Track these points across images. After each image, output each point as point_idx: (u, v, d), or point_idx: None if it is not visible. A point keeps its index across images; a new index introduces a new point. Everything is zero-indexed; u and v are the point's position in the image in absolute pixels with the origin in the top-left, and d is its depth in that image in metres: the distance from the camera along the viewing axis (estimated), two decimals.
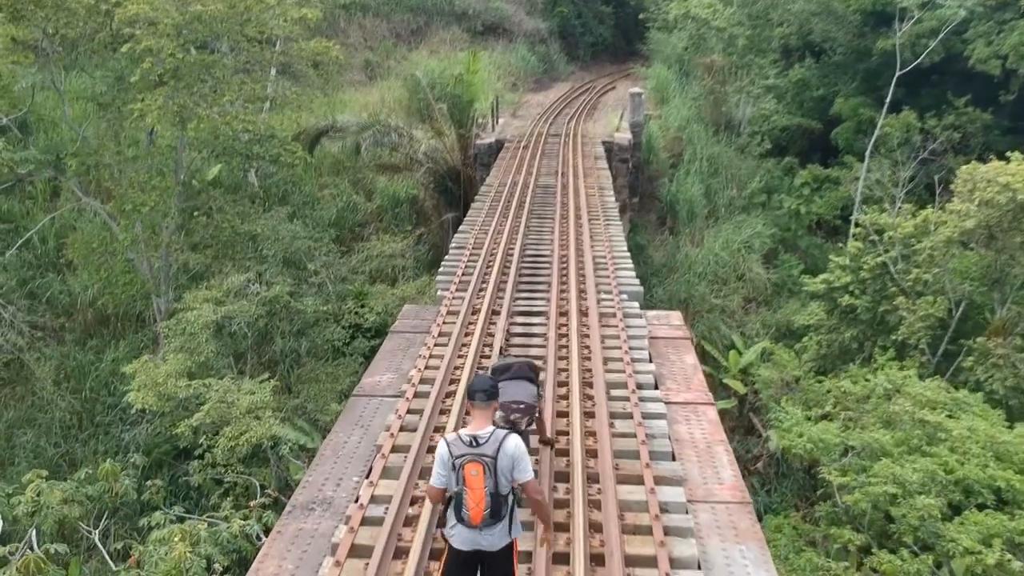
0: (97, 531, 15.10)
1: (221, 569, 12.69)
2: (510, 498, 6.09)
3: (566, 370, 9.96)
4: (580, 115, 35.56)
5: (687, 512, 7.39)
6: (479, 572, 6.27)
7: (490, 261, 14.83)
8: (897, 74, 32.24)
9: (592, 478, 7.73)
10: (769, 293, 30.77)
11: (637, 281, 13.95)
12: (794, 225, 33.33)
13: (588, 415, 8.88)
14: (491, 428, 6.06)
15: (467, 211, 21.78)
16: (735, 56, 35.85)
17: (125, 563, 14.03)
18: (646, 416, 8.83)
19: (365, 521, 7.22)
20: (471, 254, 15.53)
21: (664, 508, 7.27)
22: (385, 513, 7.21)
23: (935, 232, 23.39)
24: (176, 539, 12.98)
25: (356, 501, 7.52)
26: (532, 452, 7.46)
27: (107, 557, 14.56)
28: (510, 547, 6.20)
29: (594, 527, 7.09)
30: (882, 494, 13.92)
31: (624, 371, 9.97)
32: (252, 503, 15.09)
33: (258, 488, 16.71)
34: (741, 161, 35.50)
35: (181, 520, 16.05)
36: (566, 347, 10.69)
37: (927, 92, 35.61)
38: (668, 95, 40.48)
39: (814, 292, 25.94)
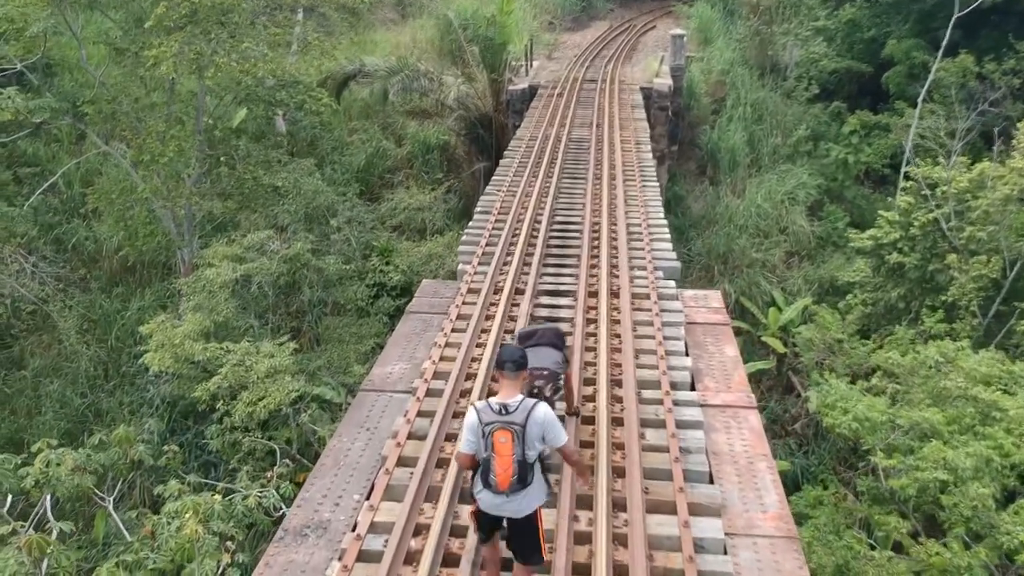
0: (111, 499, 14.73)
1: (233, 547, 12.25)
2: (536, 465, 6.20)
3: (593, 364, 9.14)
4: (618, 58, 34.08)
5: (725, 552, 6.60)
6: (508, 538, 6.43)
7: (516, 229, 13.91)
8: (956, 15, 30.32)
9: (618, 504, 6.95)
10: (813, 247, 29.56)
11: (674, 255, 12.96)
12: (841, 175, 31.88)
13: (616, 422, 8.08)
14: (520, 396, 6.16)
15: (499, 160, 20.90)
16: None
17: (139, 533, 13.70)
18: (681, 425, 8.00)
19: (362, 556, 6.50)
20: (496, 220, 14.60)
21: (699, 546, 6.47)
22: (384, 547, 6.49)
23: (992, 188, 22.09)
24: (188, 514, 12.56)
25: (354, 529, 6.82)
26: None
27: (121, 526, 14.16)
28: (534, 515, 6.28)
29: (619, 571, 6.32)
30: (932, 480, 13.04)
31: (657, 366, 9.12)
32: (269, 473, 14.64)
33: (278, 453, 16.29)
34: (787, 107, 33.93)
35: (198, 490, 15.74)
36: (594, 335, 9.85)
37: (986, 34, 33.56)
38: (712, 36, 38.80)
39: (860, 248, 24.76)
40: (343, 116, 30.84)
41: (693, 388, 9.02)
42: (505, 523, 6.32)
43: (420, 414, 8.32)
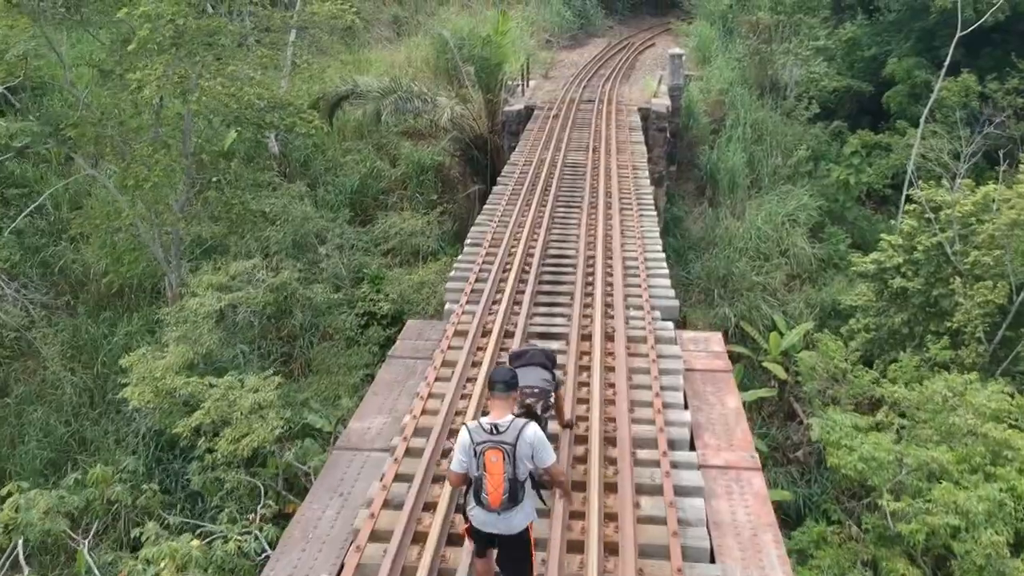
0: (87, 542, 14.16)
1: None
2: (527, 483, 6.30)
3: (586, 419, 8.56)
4: (616, 77, 33.59)
5: None
6: (496, 553, 6.57)
7: (507, 264, 13.34)
8: (959, 34, 29.87)
9: None
10: (814, 269, 29.00)
11: (672, 293, 12.36)
12: (842, 196, 31.36)
13: (609, 488, 7.50)
14: (510, 417, 6.29)
15: (494, 182, 20.38)
16: (783, 15, 33.59)
17: None
18: (679, 491, 7.41)
19: None
20: (487, 254, 14.01)
21: None
22: None
23: (999, 212, 21.56)
24: (163, 562, 12.02)
25: None
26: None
27: (96, 571, 13.58)
28: (526, 532, 6.41)
29: None
30: (943, 526, 12.48)
31: (654, 421, 8.54)
32: (252, 516, 14.08)
33: (262, 491, 15.71)
34: (787, 127, 33.41)
35: (178, 531, 15.16)
36: (587, 384, 9.29)
37: (987, 53, 33.14)
38: (710, 54, 38.34)
39: (863, 272, 24.22)
40: (337, 136, 30.39)
41: (692, 446, 8.44)
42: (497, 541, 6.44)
43: (398, 478, 7.74)
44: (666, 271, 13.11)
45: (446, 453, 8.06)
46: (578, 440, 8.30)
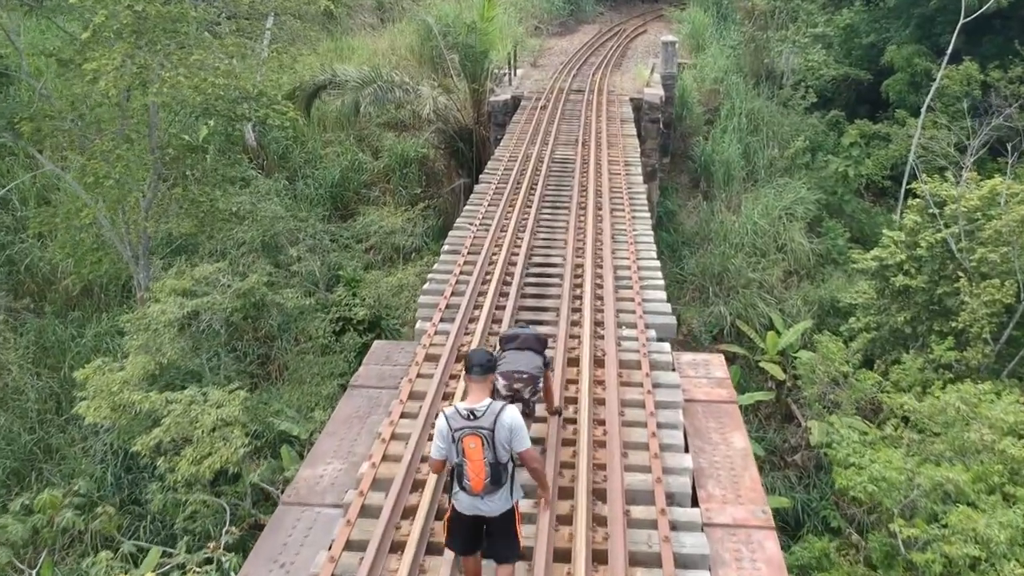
0: (35, 572, 13.09)
1: None
2: (510, 465, 6.24)
3: (572, 467, 7.45)
4: (606, 65, 32.40)
5: None
6: (482, 534, 6.41)
7: (487, 275, 12.16)
8: (962, 20, 28.83)
9: None
10: (812, 265, 27.99)
11: (668, 307, 11.16)
12: (840, 189, 30.31)
13: (598, 557, 6.41)
14: (488, 401, 6.18)
15: (480, 174, 19.27)
16: (781, 1, 32.43)
17: None
18: (680, 561, 6.33)
19: None
20: (465, 262, 12.80)
21: None
22: None
23: (1008, 208, 20.58)
24: None
25: None
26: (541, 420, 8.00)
27: None
28: (511, 511, 6.34)
29: None
30: (962, 557, 11.48)
31: (650, 468, 7.42)
32: (212, 545, 13.00)
33: (227, 513, 14.65)
34: (784, 117, 32.33)
35: (134, 559, 14.11)
36: (574, 422, 8.15)
37: (988, 40, 32.10)
38: (704, 42, 37.18)
39: (864, 269, 23.24)
40: (317, 128, 29.20)
41: (694, 497, 7.33)
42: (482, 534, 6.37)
43: (349, 546, 6.63)
44: (661, 282, 11.96)
45: (408, 512, 6.97)
46: (563, 493, 7.20)
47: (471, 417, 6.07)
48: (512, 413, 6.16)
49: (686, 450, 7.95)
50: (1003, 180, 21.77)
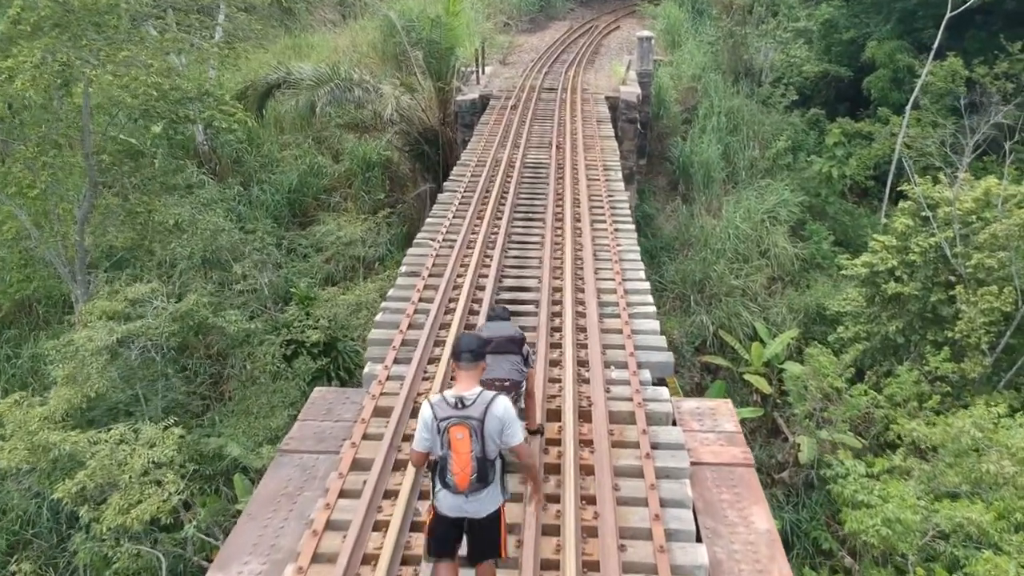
0: None
1: None
2: (498, 462, 5.84)
3: (556, 567, 5.92)
4: (580, 62, 31.01)
5: None
6: (465, 539, 5.93)
7: (451, 303, 10.58)
8: (948, 14, 27.73)
9: None
10: (796, 270, 26.76)
11: (663, 340, 9.56)
12: (824, 190, 29.11)
13: None
14: (478, 389, 5.78)
15: (447, 178, 17.74)
16: None
17: None
18: None
19: None
20: (425, 287, 11.16)
21: None
22: None
23: (1008, 211, 19.43)
24: None
25: None
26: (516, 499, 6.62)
27: None
28: (497, 514, 5.90)
29: None
30: None
31: (655, 569, 5.84)
32: None
33: (163, 566, 13.04)
34: (764, 115, 31.10)
35: None
36: (558, 500, 6.55)
37: (971, 35, 31.09)
38: (680, 38, 35.88)
39: (853, 275, 22.03)
40: (274, 129, 27.52)
41: None
42: (466, 525, 5.86)
43: None
44: (653, 308, 10.38)
45: None
46: None
47: (459, 406, 5.62)
48: (504, 404, 5.72)
49: (697, 537, 6.41)
50: (999, 182, 20.68)
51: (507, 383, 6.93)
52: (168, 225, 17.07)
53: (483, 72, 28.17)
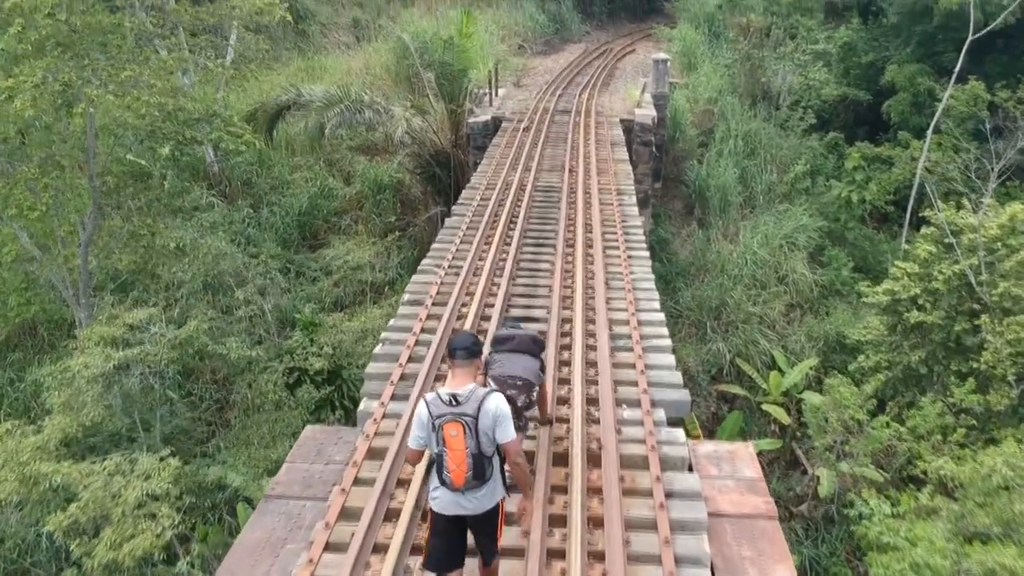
0: None
1: None
2: (495, 459, 5.83)
3: None
4: (594, 85, 30.64)
5: None
6: (464, 541, 5.96)
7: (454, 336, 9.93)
8: (970, 37, 27.25)
9: None
10: (815, 296, 26.16)
11: (679, 377, 8.96)
12: (844, 215, 28.56)
13: None
14: (472, 386, 5.77)
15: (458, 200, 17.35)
16: (778, 17, 30.73)
17: None
18: None
19: None
20: (428, 317, 10.64)
21: None
22: None
23: None
24: None
25: None
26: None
27: None
28: (495, 509, 5.90)
29: None
30: None
31: None
32: None
33: None
34: (782, 139, 30.62)
35: None
36: (561, 554, 6.03)
37: (992, 59, 30.60)
38: (696, 60, 35.51)
39: (875, 303, 21.44)
40: (285, 151, 27.24)
41: None
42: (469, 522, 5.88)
43: None
44: (668, 341, 9.78)
45: None
46: None
47: (453, 403, 5.63)
48: (497, 400, 5.73)
49: None
50: None
51: (520, 381, 6.91)
52: (170, 249, 16.69)
53: (496, 94, 27.84)
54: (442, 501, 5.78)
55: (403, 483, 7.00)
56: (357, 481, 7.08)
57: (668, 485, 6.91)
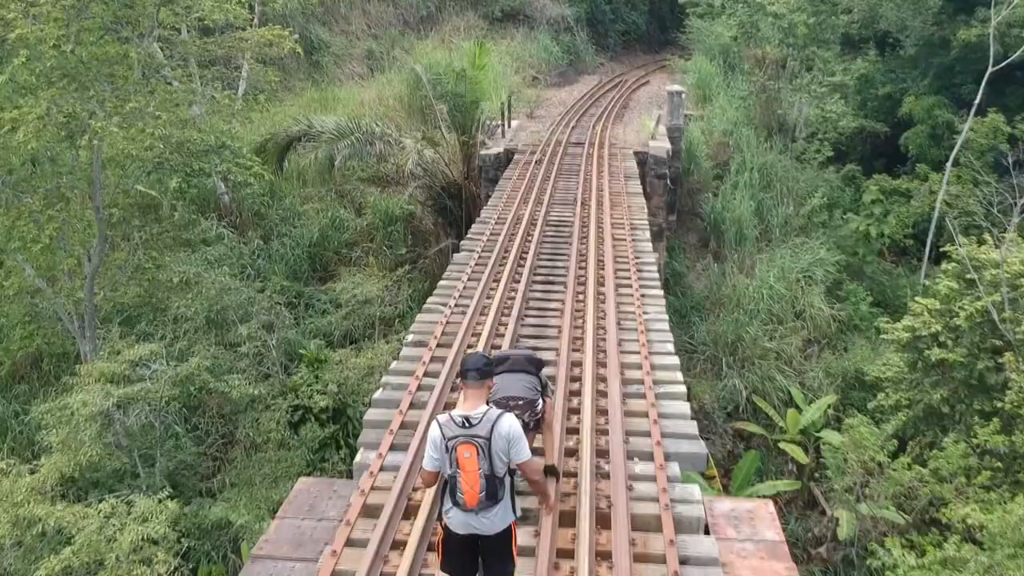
0: None
1: None
2: (507, 479, 5.84)
3: None
4: (608, 116, 30.44)
5: None
6: (482, 565, 5.98)
7: (459, 379, 9.44)
8: (990, 69, 26.88)
9: None
10: (833, 332, 25.65)
11: (695, 427, 8.48)
12: (862, 249, 28.12)
13: None
14: (484, 408, 5.82)
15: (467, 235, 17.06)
16: (794, 49, 30.49)
17: None
18: None
19: None
20: (432, 360, 10.20)
21: None
22: None
23: None
24: None
25: None
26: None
27: None
28: (508, 530, 5.90)
29: None
30: None
31: None
32: None
33: None
34: (798, 172, 30.29)
35: None
36: None
37: (1012, 91, 30.23)
38: (711, 92, 35.30)
39: (895, 340, 20.92)
40: (296, 182, 27.08)
41: None
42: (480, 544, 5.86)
43: None
44: (683, 388, 9.30)
45: None
46: None
47: (466, 425, 5.68)
48: (510, 421, 5.77)
49: None
50: None
51: (521, 401, 6.91)
52: (173, 283, 16.43)
53: (509, 126, 27.67)
54: (455, 521, 5.81)
55: (397, 544, 6.56)
56: (349, 542, 6.61)
57: (683, 550, 6.43)
